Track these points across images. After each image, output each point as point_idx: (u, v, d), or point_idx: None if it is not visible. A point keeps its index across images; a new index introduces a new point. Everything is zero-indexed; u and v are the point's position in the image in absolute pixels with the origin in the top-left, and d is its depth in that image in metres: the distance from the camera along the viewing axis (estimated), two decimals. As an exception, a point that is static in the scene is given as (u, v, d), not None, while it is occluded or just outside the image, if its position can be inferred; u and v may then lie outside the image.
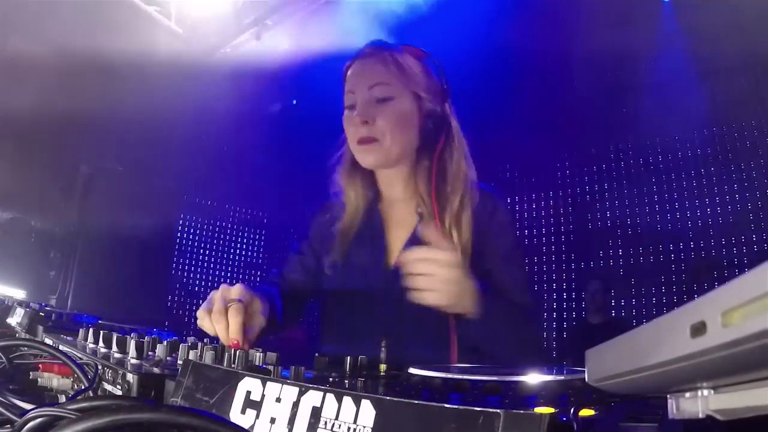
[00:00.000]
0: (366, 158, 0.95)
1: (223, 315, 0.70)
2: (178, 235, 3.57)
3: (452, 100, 0.98)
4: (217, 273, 3.94)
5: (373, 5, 2.64)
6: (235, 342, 0.68)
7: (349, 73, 0.98)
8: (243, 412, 0.37)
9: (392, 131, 0.92)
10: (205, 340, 0.64)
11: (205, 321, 0.72)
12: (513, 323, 0.85)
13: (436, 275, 0.70)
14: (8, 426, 0.41)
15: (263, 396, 0.36)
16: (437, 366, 0.48)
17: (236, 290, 0.74)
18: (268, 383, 0.37)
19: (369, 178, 1.01)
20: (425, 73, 0.97)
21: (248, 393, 0.37)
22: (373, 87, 0.93)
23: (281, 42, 2.76)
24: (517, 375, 0.40)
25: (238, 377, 0.39)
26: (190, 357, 0.51)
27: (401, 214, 0.99)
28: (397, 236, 0.97)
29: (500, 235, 0.94)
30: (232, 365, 0.43)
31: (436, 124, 0.94)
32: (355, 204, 0.99)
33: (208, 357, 0.48)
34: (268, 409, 0.36)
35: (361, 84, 0.95)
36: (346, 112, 0.97)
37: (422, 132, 0.95)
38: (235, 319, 0.70)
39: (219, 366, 0.42)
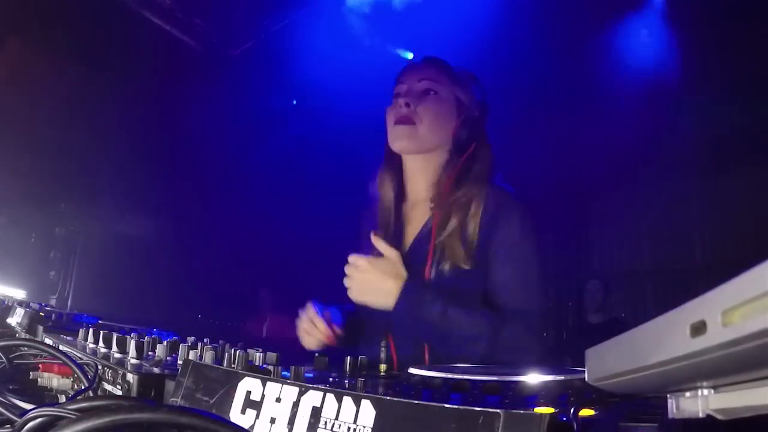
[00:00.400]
0: (401, 140, 0.98)
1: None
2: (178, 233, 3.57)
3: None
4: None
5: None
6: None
7: (402, 73, 1.05)
8: (243, 412, 0.37)
9: (430, 121, 0.97)
10: (205, 340, 0.64)
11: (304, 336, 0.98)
12: (465, 324, 0.86)
13: (352, 277, 0.89)
14: (8, 426, 0.41)
15: (263, 396, 0.36)
16: (437, 366, 0.48)
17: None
18: (268, 383, 0.37)
19: (398, 175, 1.06)
20: (469, 85, 1.04)
21: (248, 393, 0.37)
22: (422, 80, 1.00)
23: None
24: (517, 375, 0.40)
25: (238, 377, 0.39)
26: (190, 357, 0.51)
27: (419, 213, 1.03)
28: (411, 233, 1.02)
29: (503, 235, 0.93)
30: (232, 365, 0.43)
31: (470, 132, 0.98)
32: (388, 204, 1.05)
33: (208, 357, 0.48)
34: (268, 409, 0.35)
35: (412, 77, 1.02)
36: (394, 102, 1.02)
37: (456, 134, 0.98)
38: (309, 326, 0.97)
39: (219, 366, 0.42)
